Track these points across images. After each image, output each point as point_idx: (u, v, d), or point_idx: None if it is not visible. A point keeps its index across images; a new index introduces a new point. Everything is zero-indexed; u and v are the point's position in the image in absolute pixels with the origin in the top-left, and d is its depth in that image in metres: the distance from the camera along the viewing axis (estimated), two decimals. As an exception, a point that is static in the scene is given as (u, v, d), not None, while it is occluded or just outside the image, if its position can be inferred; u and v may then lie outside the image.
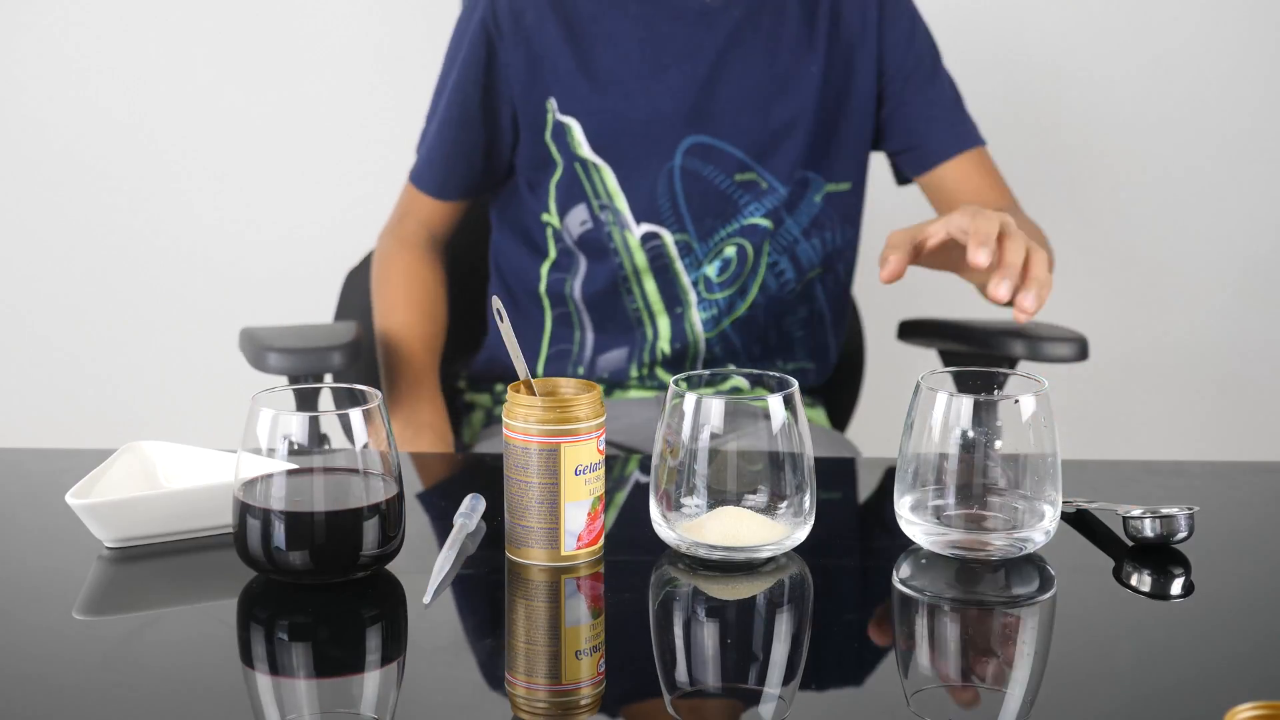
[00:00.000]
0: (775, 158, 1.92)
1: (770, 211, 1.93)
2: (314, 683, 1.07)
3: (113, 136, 2.54)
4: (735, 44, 1.91)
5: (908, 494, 1.24)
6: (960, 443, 1.22)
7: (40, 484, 1.42)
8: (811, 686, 1.05)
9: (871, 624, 1.18)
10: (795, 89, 1.91)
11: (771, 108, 1.91)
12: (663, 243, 1.91)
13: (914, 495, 1.24)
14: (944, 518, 1.23)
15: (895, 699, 1.04)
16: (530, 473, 1.19)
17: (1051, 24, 2.55)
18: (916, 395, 1.23)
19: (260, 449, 1.15)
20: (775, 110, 1.91)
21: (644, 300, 1.94)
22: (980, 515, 1.24)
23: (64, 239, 2.56)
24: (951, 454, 1.22)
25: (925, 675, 1.09)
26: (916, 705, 1.03)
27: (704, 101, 1.90)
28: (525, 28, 1.92)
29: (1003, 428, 1.22)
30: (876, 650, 1.13)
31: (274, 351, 1.82)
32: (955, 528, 1.23)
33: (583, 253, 1.95)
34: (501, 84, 1.93)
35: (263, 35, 2.52)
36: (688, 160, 1.90)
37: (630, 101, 1.90)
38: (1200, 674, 1.07)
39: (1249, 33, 2.55)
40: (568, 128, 1.91)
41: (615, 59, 1.91)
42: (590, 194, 1.92)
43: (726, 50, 1.91)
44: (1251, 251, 2.62)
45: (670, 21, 1.91)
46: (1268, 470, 1.53)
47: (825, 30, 1.92)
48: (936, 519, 1.23)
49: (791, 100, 1.91)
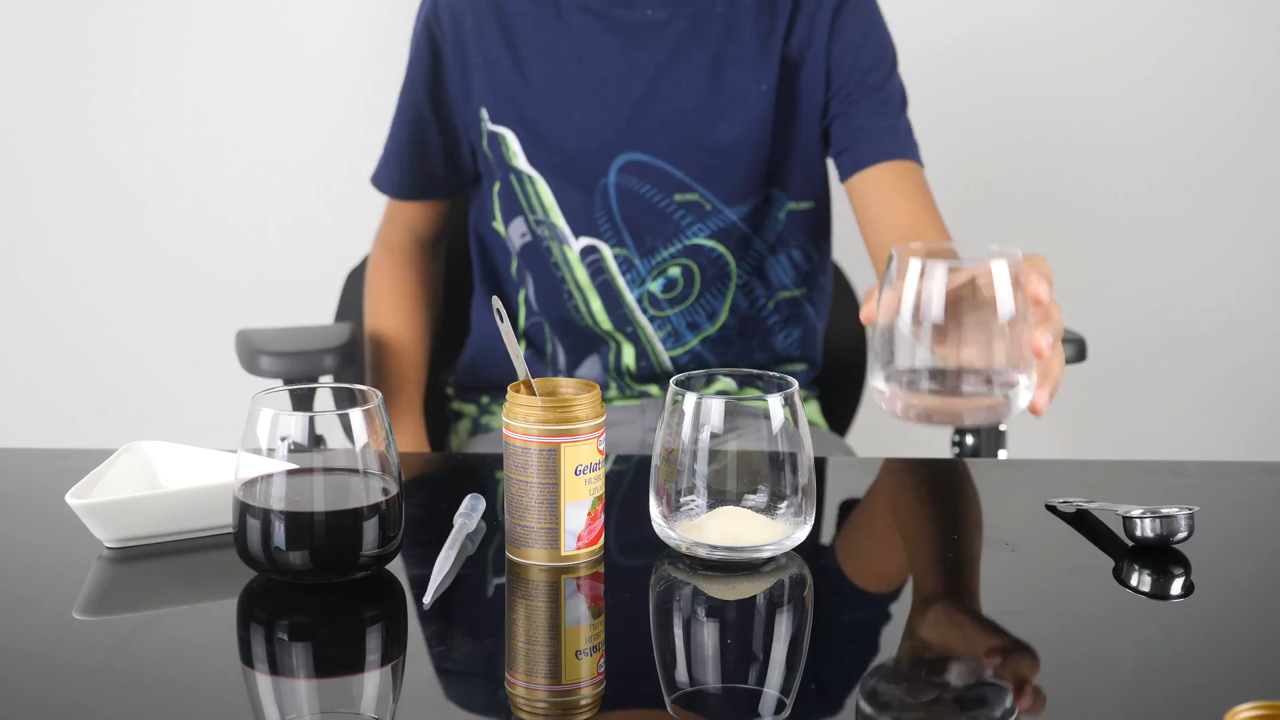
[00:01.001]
0: (719, 179, 1.87)
1: (718, 233, 1.88)
2: (314, 683, 1.07)
3: (113, 137, 2.54)
4: (676, 60, 1.86)
5: (880, 367, 1.15)
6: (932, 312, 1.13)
7: (40, 484, 1.42)
8: (811, 686, 1.05)
9: (871, 624, 1.18)
10: (743, 108, 1.86)
11: (714, 127, 1.86)
12: (602, 257, 1.89)
13: (886, 369, 1.15)
14: (916, 383, 1.15)
15: (895, 699, 1.04)
16: (530, 473, 1.19)
17: (1051, 21, 2.55)
18: (890, 264, 1.14)
19: (260, 449, 1.15)
20: (718, 130, 1.86)
21: (591, 317, 1.92)
22: (955, 380, 1.16)
23: (64, 239, 2.56)
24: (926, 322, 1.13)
25: (926, 675, 1.09)
26: (916, 705, 1.03)
27: (640, 118, 1.86)
28: (463, 33, 1.90)
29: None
30: (877, 651, 1.13)
31: (266, 355, 1.83)
32: (928, 389, 1.14)
33: (526, 265, 1.94)
34: (449, 85, 1.93)
35: (264, 35, 2.52)
36: (622, 178, 1.86)
37: (563, 115, 1.87)
38: (1200, 674, 1.07)
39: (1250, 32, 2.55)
40: (502, 138, 1.89)
41: (552, 70, 1.87)
42: (526, 207, 1.91)
43: (667, 66, 1.86)
44: (1252, 251, 2.62)
45: (609, 35, 1.86)
46: (1268, 470, 1.53)
47: (779, 47, 1.87)
48: (909, 386, 1.15)
49: (737, 120, 1.86)
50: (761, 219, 1.90)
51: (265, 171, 2.56)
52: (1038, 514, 1.36)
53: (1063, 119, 2.57)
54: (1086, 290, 2.62)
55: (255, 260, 2.57)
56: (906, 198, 1.86)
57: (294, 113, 2.54)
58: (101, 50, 2.51)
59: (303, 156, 2.55)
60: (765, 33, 1.86)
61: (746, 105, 1.86)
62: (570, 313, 1.92)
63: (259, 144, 2.55)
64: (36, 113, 2.53)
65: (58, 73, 2.52)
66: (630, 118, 1.86)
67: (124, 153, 2.54)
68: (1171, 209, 2.61)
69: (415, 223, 2.03)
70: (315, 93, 2.54)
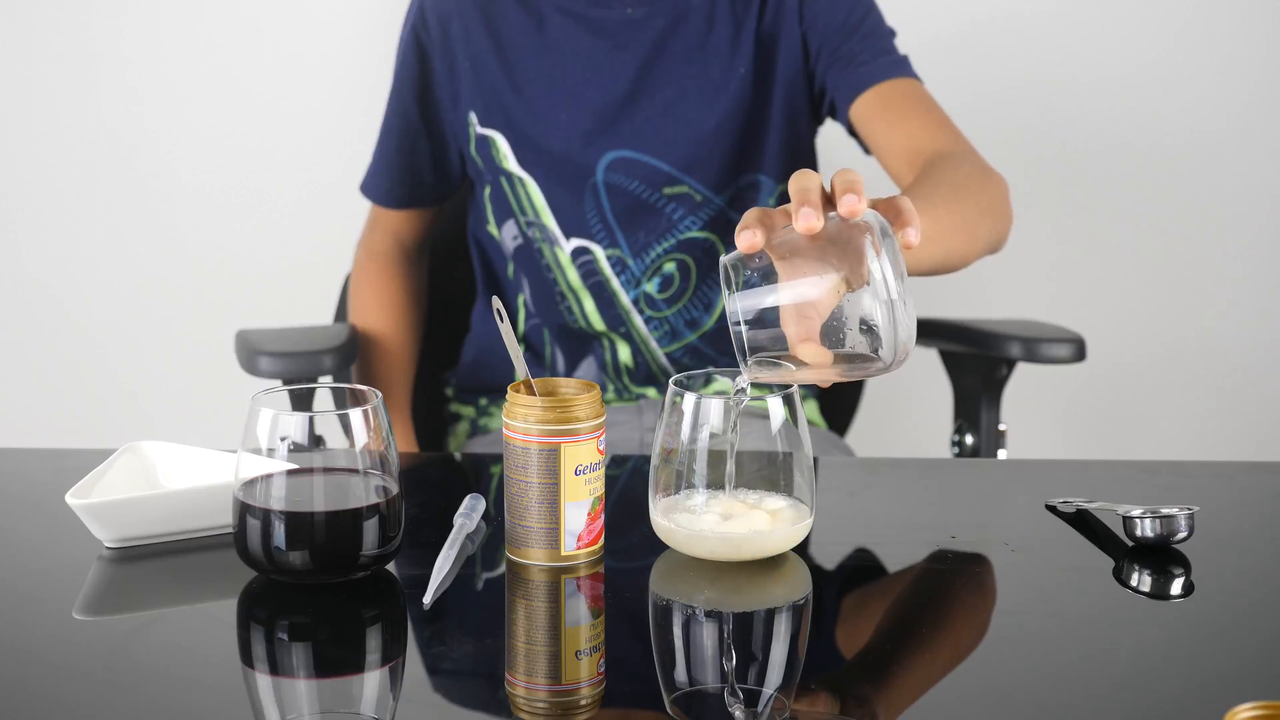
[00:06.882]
0: (705, 167, 1.87)
1: (710, 222, 1.89)
2: (314, 683, 1.07)
3: (113, 138, 2.54)
4: (659, 55, 1.87)
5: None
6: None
7: (40, 484, 1.42)
8: (811, 686, 1.05)
9: (870, 624, 1.18)
10: (723, 93, 1.87)
11: (697, 116, 1.87)
12: (594, 258, 1.89)
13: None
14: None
15: (895, 699, 1.04)
16: (530, 473, 1.19)
17: (1051, 22, 2.55)
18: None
19: (260, 449, 1.15)
20: (702, 118, 1.87)
21: (585, 319, 1.92)
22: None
23: (65, 239, 2.56)
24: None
25: (925, 675, 1.09)
26: (916, 705, 1.03)
27: (626, 115, 1.87)
28: (450, 38, 1.90)
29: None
30: (876, 651, 1.13)
31: (265, 355, 1.83)
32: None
33: (520, 268, 1.94)
34: (437, 91, 1.93)
35: (265, 35, 2.52)
36: (610, 175, 1.87)
37: (550, 118, 1.87)
38: (1200, 674, 1.07)
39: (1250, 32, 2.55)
40: (492, 141, 1.89)
41: (538, 73, 1.88)
42: (516, 209, 1.91)
43: (650, 62, 1.87)
44: (1252, 251, 2.62)
45: (591, 36, 1.88)
46: (1268, 470, 1.53)
47: (753, 28, 1.87)
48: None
49: (719, 106, 1.87)
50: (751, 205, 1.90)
51: (265, 172, 2.56)
52: (1038, 514, 1.36)
53: (1063, 118, 2.57)
54: (1087, 290, 2.62)
55: (255, 261, 2.57)
56: (912, 113, 1.81)
57: (294, 113, 2.54)
58: (102, 52, 2.51)
59: (303, 157, 2.55)
60: (740, 17, 1.87)
61: (726, 90, 1.87)
62: (564, 314, 1.92)
63: (259, 144, 2.55)
64: (37, 114, 2.53)
65: (58, 75, 2.52)
66: (615, 116, 1.87)
67: (125, 153, 2.54)
68: (1172, 208, 2.61)
69: (400, 230, 2.04)
70: (315, 93, 2.54)
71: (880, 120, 1.82)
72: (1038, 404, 2.52)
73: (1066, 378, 2.53)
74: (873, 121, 1.82)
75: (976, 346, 1.98)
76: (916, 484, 1.53)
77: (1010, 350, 1.93)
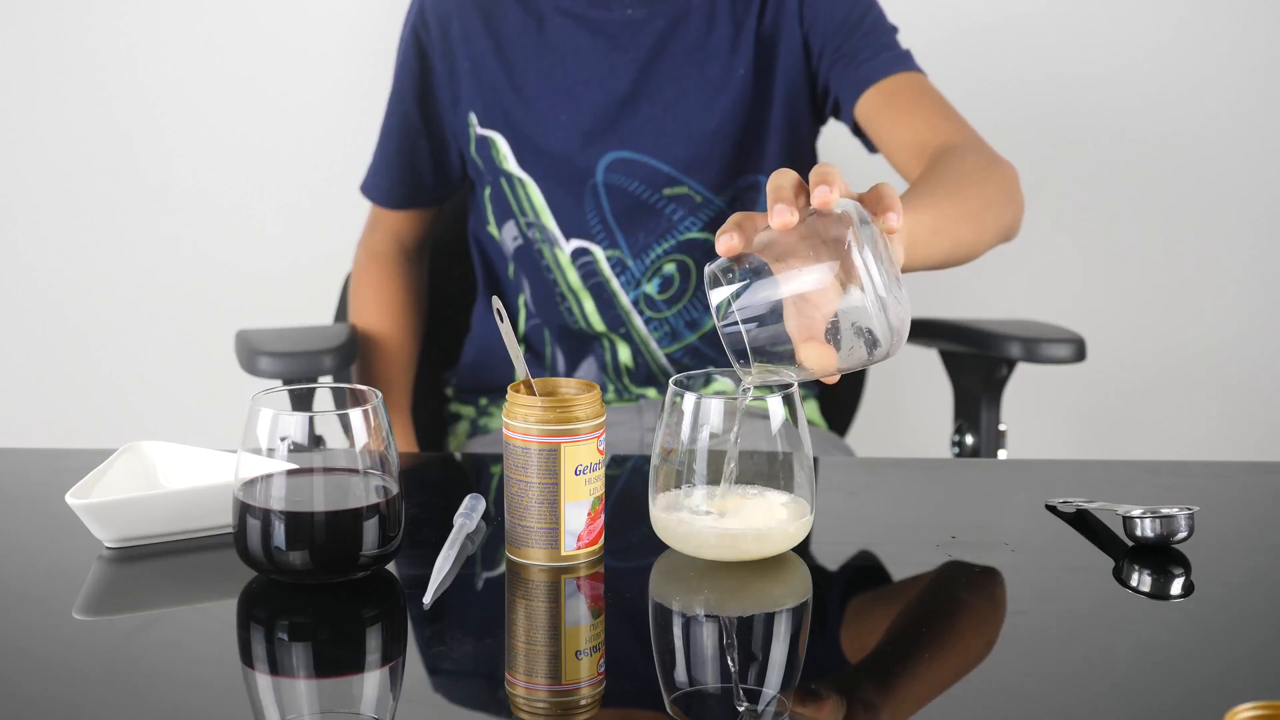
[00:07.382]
0: (705, 168, 1.87)
1: (710, 223, 1.89)
2: (314, 683, 1.07)
3: (114, 138, 2.54)
4: (659, 56, 1.87)
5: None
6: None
7: (40, 484, 1.42)
8: (811, 686, 1.05)
9: (870, 624, 1.18)
10: (723, 94, 1.87)
11: (697, 117, 1.87)
12: (594, 259, 1.89)
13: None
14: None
15: (895, 699, 1.04)
16: (530, 473, 1.19)
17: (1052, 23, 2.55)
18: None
19: (260, 449, 1.15)
20: (701, 119, 1.87)
21: (585, 320, 1.92)
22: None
23: (65, 240, 2.56)
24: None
25: (925, 675, 1.09)
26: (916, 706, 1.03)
27: (626, 116, 1.87)
28: (450, 38, 1.91)
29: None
30: (876, 651, 1.13)
31: (265, 355, 1.83)
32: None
33: (520, 268, 1.94)
34: (437, 91, 1.93)
35: (265, 35, 2.52)
36: (610, 176, 1.87)
37: (550, 119, 1.87)
38: (1200, 674, 1.07)
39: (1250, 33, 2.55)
40: (492, 142, 1.89)
41: (537, 74, 1.88)
42: (516, 210, 1.91)
43: (650, 63, 1.87)
44: (1252, 252, 2.62)
45: (592, 37, 1.88)
46: (1268, 470, 1.53)
47: (753, 29, 1.87)
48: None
49: (719, 107, 1.87)
50: (751, 206, 1.90)
51: (266, 172, 2.56)
52: (1038, 514, 1.36)
53: (1063, 118, 2.57)
54: (1087, 290, 2.62)
55: (255, 261, 2.57)
56: (916, 108, 1.80)
57: (294, 113, 2.54)
58: (102, 53, 2.51)
59: (303, 157, 2.55)
60: (740, 18, 1.87)
61: (726, 91, 1.87)
62: (564, 315, 1.92)
63: (259, 144, 2.55)
64: (36, 114, 2.53)
65: (58, 76, 2.52)
66: (615, 117, 1.87)
67: (125, 154, 2.54)
68: (1172, 209, 2.61)
69: (401, 230, 2.04)
70: (315, 93, 2.54)
71: (885, 116, 1.81)
72: (1038, 404, 2.52)
73: (1067, 378, 2.53)
74: (878, 118, 1.82)
75: (977, 346, 1.98)
76: (917, 484, 1.53)
77: (1010, 350, 1.93)
